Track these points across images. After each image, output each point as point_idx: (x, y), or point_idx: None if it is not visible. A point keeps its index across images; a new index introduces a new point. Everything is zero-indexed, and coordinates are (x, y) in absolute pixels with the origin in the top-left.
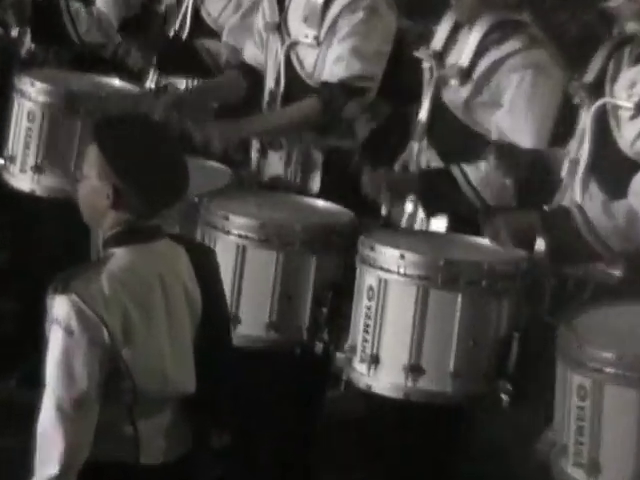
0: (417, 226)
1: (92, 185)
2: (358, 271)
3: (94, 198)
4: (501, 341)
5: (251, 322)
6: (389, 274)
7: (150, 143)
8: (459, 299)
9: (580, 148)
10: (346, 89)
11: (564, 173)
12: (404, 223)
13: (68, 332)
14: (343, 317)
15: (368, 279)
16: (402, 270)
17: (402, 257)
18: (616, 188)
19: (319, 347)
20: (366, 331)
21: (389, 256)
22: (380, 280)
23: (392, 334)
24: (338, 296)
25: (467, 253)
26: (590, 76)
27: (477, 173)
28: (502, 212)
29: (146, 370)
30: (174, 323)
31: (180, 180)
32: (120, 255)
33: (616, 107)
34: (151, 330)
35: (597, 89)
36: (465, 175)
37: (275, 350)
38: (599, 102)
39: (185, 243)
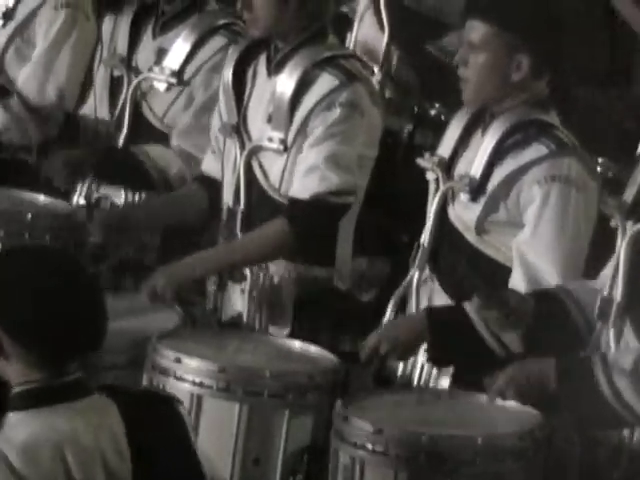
0: (416, 376)
1: None
2: (332, 447)
3: None
4: None
5: None
6: (363, 452)
7: (43, 280)
8: None
9: (614, 283)
10: (320, 208)
11: (596, 314)
12: (400, 372)
13: None
14: None
15: (342, 457)
16: (378, 448)
17: (378, 432)
18: None
19: None
20: None
21: (363, 430)
22: (354, 459)
23: None
24: (316, 461)
25: (463, 424)
26: (630, 193)
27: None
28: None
29: None
30: None
31: (89, 327)
32: (13, 423)
33: None
34: None
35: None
36: (480, 313)
37: None
38: (638, 227)
39: (124, 396)
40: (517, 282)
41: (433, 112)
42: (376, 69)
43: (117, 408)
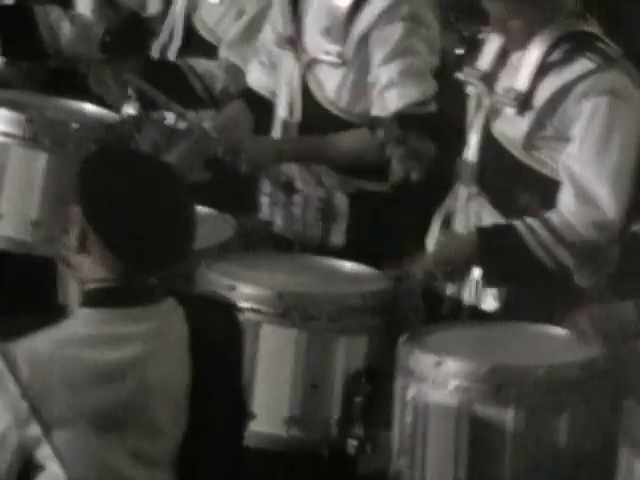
0: (465, 296)
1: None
2: (397, 383)
3: (69, 240)
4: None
5: (267, 417)
6: (426, 385)
7: (140, 183)
8: (509, 416)
9: None
10: (406, 122)
11: None
12: (449, 290)
13: None
14: (381, 408)
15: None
16: (440, 380)
17: (438, 364)
18: None
19: (352, 446)
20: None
21: (426, 363)
22: (420, 391)
23: (435, 458)
24: (374, 382)
25: (522, 353)
26: None
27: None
28: (587, 303)
29: None
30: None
31: (177, 237)
32: (81, 319)
33: None
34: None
35: None
36: (533, 231)
37: (298, 451)
38: None
39: (191, 302)
40: (566, 198)
41: (481, 36)
42: None
43: (184, 313)
